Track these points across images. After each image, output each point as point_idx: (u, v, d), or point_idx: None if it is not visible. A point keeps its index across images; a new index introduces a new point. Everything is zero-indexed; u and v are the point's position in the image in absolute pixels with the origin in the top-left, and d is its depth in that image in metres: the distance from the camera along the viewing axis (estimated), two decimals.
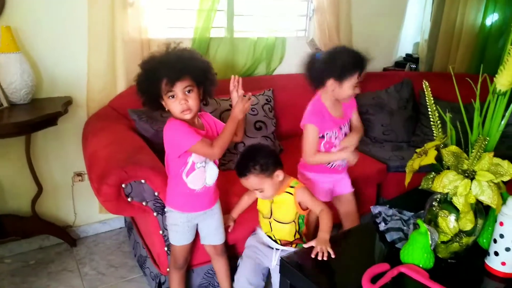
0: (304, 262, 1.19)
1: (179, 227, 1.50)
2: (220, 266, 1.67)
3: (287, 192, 1.52)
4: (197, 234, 1.58)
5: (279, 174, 1.48)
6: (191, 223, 1.52)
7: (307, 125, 1.62)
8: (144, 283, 1.90)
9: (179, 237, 1.52)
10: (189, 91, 1.33)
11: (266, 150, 1.54)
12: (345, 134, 1.72)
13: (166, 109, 1.38)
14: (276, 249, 1.56)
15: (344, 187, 1.82)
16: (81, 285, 1.88)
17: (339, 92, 1.59)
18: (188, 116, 1.36)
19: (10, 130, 1.64)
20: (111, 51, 2.01)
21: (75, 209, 2.21)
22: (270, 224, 1.57)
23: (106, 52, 1.99)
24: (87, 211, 2.24)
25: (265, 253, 1.59)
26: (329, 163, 1.71)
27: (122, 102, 2.01)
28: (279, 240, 1.58)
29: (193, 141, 1.34)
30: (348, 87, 1.58)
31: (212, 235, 1.58)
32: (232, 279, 1.67)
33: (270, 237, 1.60)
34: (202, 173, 1.44)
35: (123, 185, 1.47)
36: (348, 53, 1.59)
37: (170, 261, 1.59)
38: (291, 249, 1.54)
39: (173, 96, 1.32)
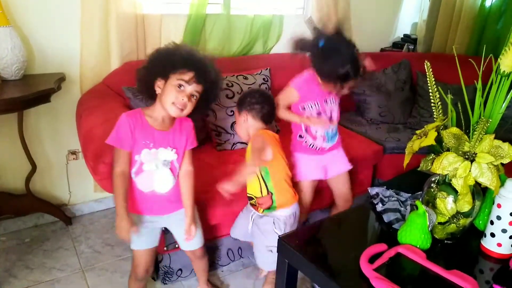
0: (302, 242, 1.20)
1: (138, 226, 1.38)
2: (199, 267, 1.65)
3: None
4: None
5: (245, 117, 1.53)
6: (152, 225, 1.43)
7: (291, 88, 1.65)
8: None
9: (138, 240, 1.41)
10: (193, 96, 1.31)
11: (256, 91, 1.62)
12: (331, 113, 1.70)
13: (157, 92, 1.32)
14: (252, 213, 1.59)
15: (339, 166, 1.80)
16: (77, 263, 1.88)
17: (326, 88, 1.60)
18: (175, 112, 1.30)
19: (1, 106, 1.60)
20: (105, 26, 1.95)
21: (69, 187, 2.19)
22: None
23: (99, 27, 1.94)
24: (82, 189, 2.22)
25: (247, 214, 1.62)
26: (315, 147, 1.71)
27: (116, 79, 1.97)
28: (255, 197, 1.56)
29: (110, 141, 1.30)
30: (332, 89, 1.59)
31: (185, 241, 1.49)
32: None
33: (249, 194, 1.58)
34: (149, 177, 1.35)
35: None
36: (347, 62, 1.50)
37: (131, 269, 1.50)
38: (261, 216, 1.55)
39: (180, 86, 1.28)
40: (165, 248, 1.64)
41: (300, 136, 1.72)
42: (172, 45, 1.34)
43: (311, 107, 1.66)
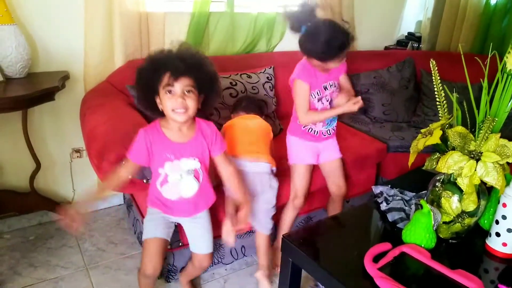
0: (306, 240, 1.20)
1: (153, 216, 1.43)
2: (193, 272, 1.65)
3: None
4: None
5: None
6: (168, 219, 1.45)
7: (296, 80, 1.60)
8: None
9: (151, 228, 1.43)
10: (188, 91, 1.25)
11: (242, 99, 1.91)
12: (330, 97, 1.69)
13: (160, 109, 1.29)
14: None
15: (330, 153, 1.80)
16: (81, 261, 1.89)
17: (325, 67, 1.57)
18: (180, 117, 1.26)
19: (6, 105, 1.60)
20: (108, 25, 1.95)
21: (73, 185, 2.20)
22: None
23: (103, 25, 1.94)
24: (86, 187, 2.23)
25: None
26: (314, 130, 1.71)
27: (120, 78, 1.97)
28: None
29: (128, 154, 1.31)
30: (332, 64, 1.55)
31: (197, 242, 1.50)
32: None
33: None
34: (175, 187, 1.36)
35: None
36: (331, 36, 1.47)
37: (140, 265, 1.49)
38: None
39: (170, 92, 1.24)
40: (169, 246, 1.64)
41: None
42: (144, 61, 1.29)
43: (314, 96, 1.64)
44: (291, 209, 1.78)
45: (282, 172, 1.76)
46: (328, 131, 1.74)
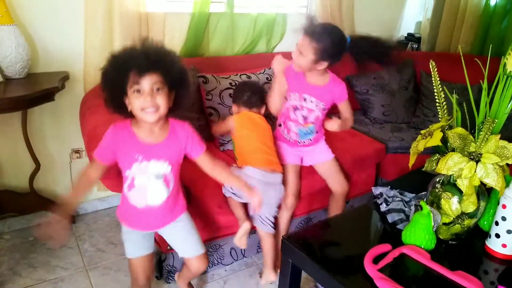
0: (306, 241, 1.20)
1: (130, 235, 1.35)
2: (188, 274, 1.57)
3: None
4: None
5: (236, 109, 1.82)
6: (144, 232, 1.37)
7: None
8: None
9: (133, 248, 1.36)
10: (158, 89, 1.17)
11: (242, 85, 1.92)
12: (308, 114, 1.75)
13: (129, 109, 1.20)
14: None
15: (315, 157, 1.87)
16: (81, 262, 1.89)
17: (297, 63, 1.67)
18: (150, 116, 1.18)
19: (5, 105, 1.60)
20: (108, 25, 1.95)
21: (73, 186, 2.19)
22: None
23: (103, 26, 1.94)
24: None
25: None
26: (289, 137, 1.82)
27: None
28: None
29: (95, 153, 1.25)
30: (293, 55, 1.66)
31: (183, 246, 1.43)
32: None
33: None
34: (141, 191, 1.27)
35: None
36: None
37: (130, 279, 1.45)
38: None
39: (138, 91, 1.16)
40: (168, 247, 1.64)
41: (280, 125, 1.85)
42: (107, 61, 1.20)
43: (290, 99, 1.76)
44: (284, 209, 1.80)
45: None
46: (304, 141, 1.82)
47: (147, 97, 1.16)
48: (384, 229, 1.30)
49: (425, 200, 1.25)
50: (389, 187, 1.43)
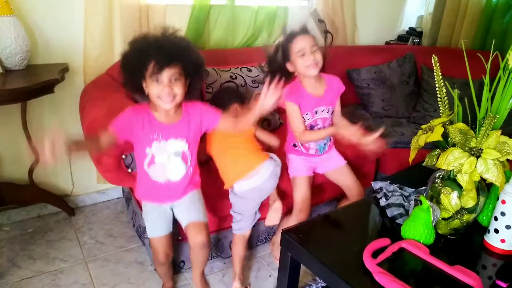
0: (305, 236, 1.20)
1: (150, 214, 1.46)
2: (196, 258, 1.55)
3: None
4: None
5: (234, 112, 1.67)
6: (163, 209, 1.46)
7: (286, 103, 1.63)
8: (143, 252, 1.91)
9: (153, 228, 1.46)
10: (175, 79, 1.27)
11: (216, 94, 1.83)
12: (323, 126, 1.70)
13: (146, 93, 1.30)
14: None
15: (328, 165, 1.81)
16: (80, 254, 1.89)
17: (299, 69, 1.59)
18: (167, 105, 1.28)
19: (5, 97, 1.60)
20: (109, 17, 1.94)
21: (72, 178, 2.20)
22: None
23: (103, 17, 1.93)
24: (84, 180, 2.23)
25: None
26: (301, 151, 1.74)
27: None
28: None
29: (113, 124, 1.31)
30: (295, 60, 1.57)
31: (186, 212, 1.47)
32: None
33: None
34: (162, 169, 1.37)
35: (123, 156, 1.45)
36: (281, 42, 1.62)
37: (152, 256, 1.55)
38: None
39: (157, 80, 1.26)
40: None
41: (294, 145, 1.76)
42: (129, 47, 1.29)
43: (305, 118, 1.66)
44: (294, 219, 1.73)
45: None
46: (320, 150, 1.76)
47: (165, 87, 1.25)
48: (383, 224, 1.30)
49: (424, 195, 1.25)
50: (388, 181, 1.43)
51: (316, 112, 1.67)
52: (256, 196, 1.62)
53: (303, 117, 1.65)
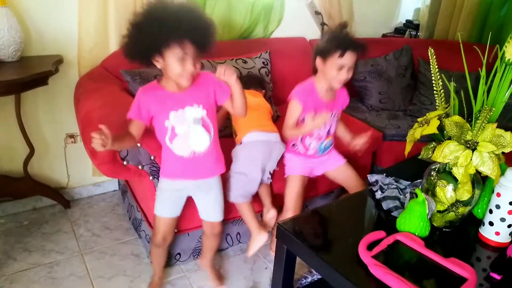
0: (301, 228, 1.20)
1: (164, 193, 1.46)
2: (209, 244, 1.65)
3: None
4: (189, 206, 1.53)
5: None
6: (179, 194, 1.47)
7: (292, 100, 1.62)
8: (139, 245, 1.91)
9: (162, 207, 1.47)
10: (195, 57, 1.25)
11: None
12: (330, 127, 1.70)
13: (159, 67, 1.26)
14: None
15: (326, 167, 1.80)
16: (76, 246, 1.89)
17: (325, 72, 1.57)
18: (186, 81, 1.27)
19: None
20: (103, 8, 1.91)
21: (68, 171, 2.18)
22: None
23: (97, 8, 1.90)
24: (80, 173, 2.22)
25: None
26: (301, 151, 1.72)
27: (115, 62, 1.94)
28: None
29: (129, 114, 1.33)
30: (330, 66, 1.54)
31: (208, 210, 1.53)
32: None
33: None
34: (184, 139, 1.35)
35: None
36: (335, 32, 1.58)
37: (151, 234, 1.56)
38: None
39: (182, 59, 1.23)
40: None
41: (294, 144, 1.74)
42: (146, 16, 1.21)
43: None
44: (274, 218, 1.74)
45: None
46: (320, 151, 1.75)
47: (188, 66, 1.23)
48: (378, 216, 1.31)
49: (420, 187, 1.25)
50: (384, 174, 1.43)
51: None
52: (264, 151, 1.65)
53: (305, 119, 1.62)
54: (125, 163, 1.49)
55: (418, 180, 1.36)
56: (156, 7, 1.21)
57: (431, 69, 1.19)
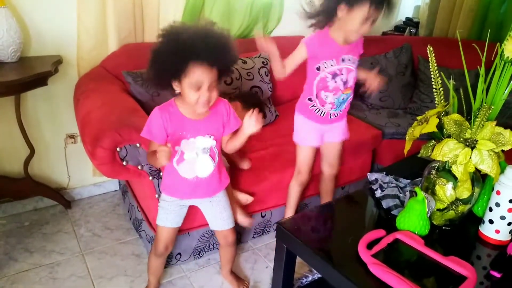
0: (300, 227, 1.20)
1: (166, 204, 1.45)
2: (225, 255, 1.66)
3: None
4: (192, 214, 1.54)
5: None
6: (180, 205, 1.46)
7: (301, 44, 1.59)
8: (140, 245, 1.92)
9: (166, 217, 1.46)
10: (213, 83, 1.22)
11: None
12: (347, 78, 1.61)
13: (177, 92, 1.25)
14: None
15: (335, 136, 1.78)
16: (77, 247, 1.89)
17: (346, 22, 1.48)
18: (203, 108, 1.25)
19: None
20: (102, 8, 1.91)
21: (68, 171, 2.19)
22: None
23: (96, 9, 1.90)
24: (80, 173, 2.22)
25: None
26: (321, 111, 1.66)
27: (114, 62, 1.95)
28: None
29: (144, 134, 1.30)
30: (356, 17, 1.44)
31: (217, 220, 1.52)
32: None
33: None
34: (191, 165, 1.35)
35: (118, 149, 1.45)
36: None
37: (152, 244, 1.55)
38: None
39: (198, 87, 1.20)
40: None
41: (310, 99, 1.67)
42: (164, 43, 1.20)
43: (326, 67, 1.58)
44: (295, 185, 1.79)
45: (287, 155, 1.81)
46: (336, 113, 1.69)
47: (205, 94, 1.21)
48: (378, 215, 1.31)
49: (420, 186, 1.25)
50: (384, 173, 1.43)
51: (343, 60, 1.59)
52: None
53: (325, 64, 1.58)
54: (124, 163, 1.49)
55: (418, 179, 1.36)
56: (170, 33, 1.19)
57: (430, 67, 1.19)
